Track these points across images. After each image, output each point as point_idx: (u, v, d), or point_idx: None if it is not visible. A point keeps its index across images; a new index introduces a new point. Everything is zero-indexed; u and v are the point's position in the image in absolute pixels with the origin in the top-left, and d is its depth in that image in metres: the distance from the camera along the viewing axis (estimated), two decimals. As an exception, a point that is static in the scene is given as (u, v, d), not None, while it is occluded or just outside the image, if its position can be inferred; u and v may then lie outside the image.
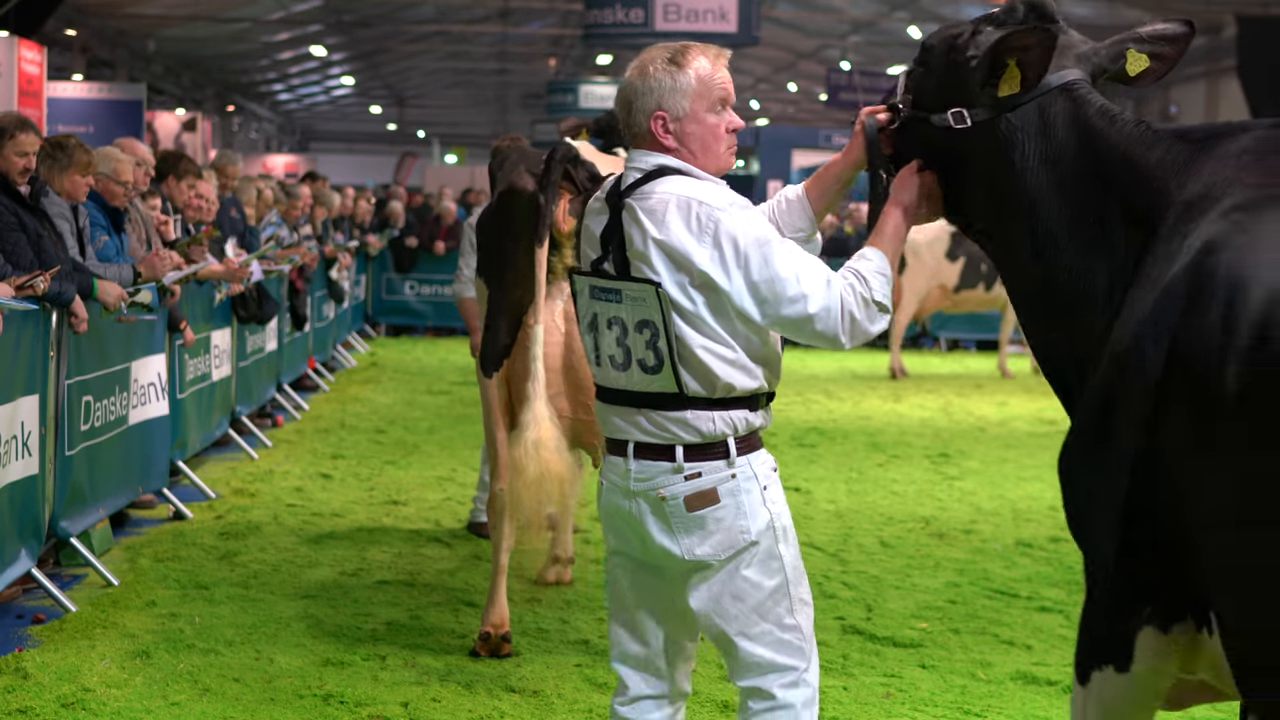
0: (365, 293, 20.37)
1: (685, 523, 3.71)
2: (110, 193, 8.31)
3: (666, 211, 3.61)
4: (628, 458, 3.74)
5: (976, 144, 3.45)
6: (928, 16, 35.25)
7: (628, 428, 3.74)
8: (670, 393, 3.65)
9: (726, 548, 3.71)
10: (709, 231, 3.58)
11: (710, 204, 3.61)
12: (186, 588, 7.12)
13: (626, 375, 3.72)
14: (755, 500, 3.72)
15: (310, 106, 58.38)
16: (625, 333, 3.69)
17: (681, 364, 3.63)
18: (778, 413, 3.90)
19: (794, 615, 3.77)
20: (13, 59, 18.23)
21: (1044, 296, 3.39)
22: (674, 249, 3.60)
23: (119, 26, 32.38)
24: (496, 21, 36.14)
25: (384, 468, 10.55)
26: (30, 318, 6.57)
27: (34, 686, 5.61)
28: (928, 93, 3.57)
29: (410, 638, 6.39)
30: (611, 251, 3.72)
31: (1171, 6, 31.97)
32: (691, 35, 25.48)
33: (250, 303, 10.86)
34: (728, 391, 3.66)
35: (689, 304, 3.61)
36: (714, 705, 5.69)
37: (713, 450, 3.69)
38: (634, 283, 3.65)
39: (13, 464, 6.41)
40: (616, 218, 3.71)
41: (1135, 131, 3.27)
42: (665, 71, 3.69)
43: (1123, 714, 3.10)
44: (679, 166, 3.71)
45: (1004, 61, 3.34)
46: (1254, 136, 3.05)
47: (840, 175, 3.92)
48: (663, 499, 3.71)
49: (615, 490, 3.79)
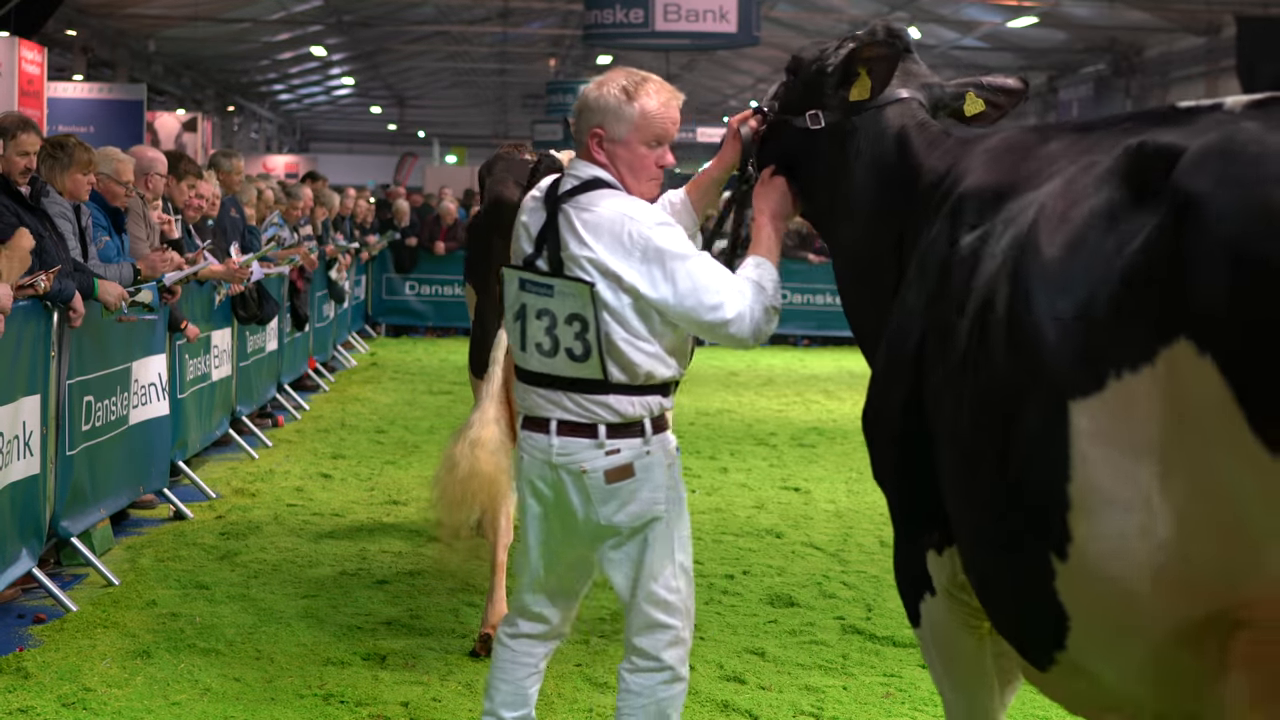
0: (365, 293, 20.37)
1: (603, 494, 4.15)
2: (111, 193, 8.31)
3: (600, 226, 4.06)
4: (550, 434, 4.16)
5: (826, 143, 3.92)
6: (928, 16, 35.27)
7: (550, 408, 4.16)
8: (596, 379, 4.10)
9: (639, 516, 4.18)
10: (639, 247, 4.03)
11: (640, 221, 4.06)
12: (187, 588, 7.13)
13: (552, 361, 4.14)
14: (663, 475, 4.20)
15: (310, 107, 58.38)
16: (554, 324, 4.11)
17: (608, 355, 4.07)
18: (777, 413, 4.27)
19: (677, 579, 4.26)
20: (13, 59, 18.24)
21: (857, 282, 3.87)
22: (606, 262, 4.04)
23: (119, 27, 32.38)
24: (496, 21, 36.14)
25: (384, 468, 10.56)
26: (31, 317, 6.57)
27: (35, 686, 5.61)
28: (793, 100, 4.04)
29: (410, 638, 6.40)
30: (546, 250, 4.13)
31: (1171, 6, 31.98)
32: (691, 35, 25.47)
33: (250, 303, 10.87)
34: (647, 379, 4.12)
35: (617, 305, 4.06)
36: (714, 705, 5.69)
37: (631, 429, 4.14)
38: (568, 281, 4.08)
39: (14, 464, 6.42)
40: (553, 219, 4.13)
41: (934, 136, 3.74)
42: (616, 97, 4.15)
43: (953, 636, 3.48)
44: (611, 181, 4.16)
45: (856, 70, 3.81)
46: (1001, 137, 3.50)
47: (717, 179, 4.39)
48: (584, 472, 4.14)
49: (536, 462, 4.21)
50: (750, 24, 24.84)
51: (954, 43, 38.71)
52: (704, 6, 24.46)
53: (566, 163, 5.71)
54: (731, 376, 16.89)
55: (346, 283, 16.81)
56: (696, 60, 42.41)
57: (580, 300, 4.06)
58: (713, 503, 9.63)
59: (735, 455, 11.47)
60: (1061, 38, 37.12)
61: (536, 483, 4.25)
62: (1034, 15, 32.96)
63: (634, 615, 4.28)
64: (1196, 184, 2.57)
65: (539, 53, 44.27)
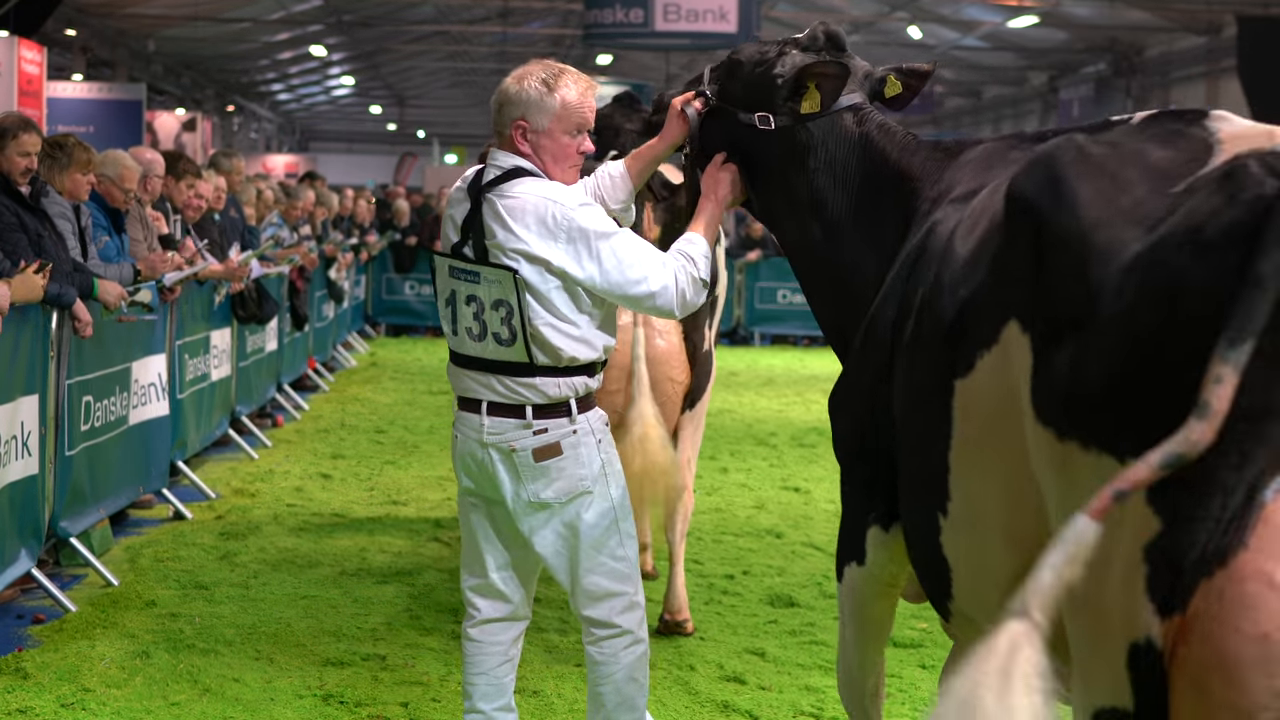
0: (365, 293, 20.36)
1: (532, 471, 4.34)
2: (111, 194, 8.30)
3: (525, 211, 4.23)
4: (481, 414, 4.36)
5: (775, 145, 4.13)
6: (928, 16, 35.25)
7: (481, 390, 4.35)
8: (522, 362, 4.28)
9: (566, 492, 4.36)
10: (563, 229, 4.22)
11: (563, 204, 4.24)
12: (186, 588, 7.12)
13: (481, 345, 4.32)
14: (591, 451, 4.39)
15: (310, 106, 58.36)
16: (482, 309, 4.30)
17: (532, 339, 4.25)
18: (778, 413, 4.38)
19: (623, 547, 4.45)
20: (13, 59, 18.23)
21: (830, 278, 4.07)
22: (531, 248, 4.21)
23: (119, 26, 32.37)
24: (496, 21, 36.13)
25: (384, 468, 10.55)
26: (30, 318, 6.57)
27: (34, 686, 5.61)
28: (733, 92, 4.23)
29: (410, 638, 6.39)
30: (471, 238, 4.31)
31: (1172, 6, 31.97)
32: (691, 35, 25.47)
33: (250, 303, 10.86)
34: (571, 362, 4.30)
35: (543, 288, 4.23)
36: (714, 705, 5.69)
37: (557, 410, 4.33)
38: (492, 268, 4.25)
39: (13, 464, 6.41)
40: (477, 208, 4.30)
41: (904, 142, 4.00)
42: (536, 89, 4.33)
43: (866, 602, 3.86)
44: (532, 170, 4.33)
45: (806, 84, 4.04)
46: (983, 148, 3.77)
47: (659, 154, 4.52)
48: (513, 450, 4.34)
49: (469, 441, 4.39)
50: (750, 24, 24.84)
51: (954, 43, 38.70)
52: (704, 6, 24.46)
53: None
54: (731, 376, 16.90)
55: (346, 282, 16.81)
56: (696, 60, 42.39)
57: (504, 286, 4.24)
58: (713, 503, 9.62)
59: (735, 455, 11.46)
60: (1062, 38, 37.11)
61: (468, 461, 4.43)
62: (1034, 15, 32.94)
63: (581, 588, 4.44)
64: (1019, 185, 2.98)
65: (539, 53, 44.16)
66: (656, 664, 6.14)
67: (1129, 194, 2.79)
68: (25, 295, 6.33)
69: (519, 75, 4.39)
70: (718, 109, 4.28)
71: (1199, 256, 2.53)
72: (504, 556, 4.57)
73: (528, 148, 4.35)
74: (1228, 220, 2.52)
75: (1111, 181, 2.83)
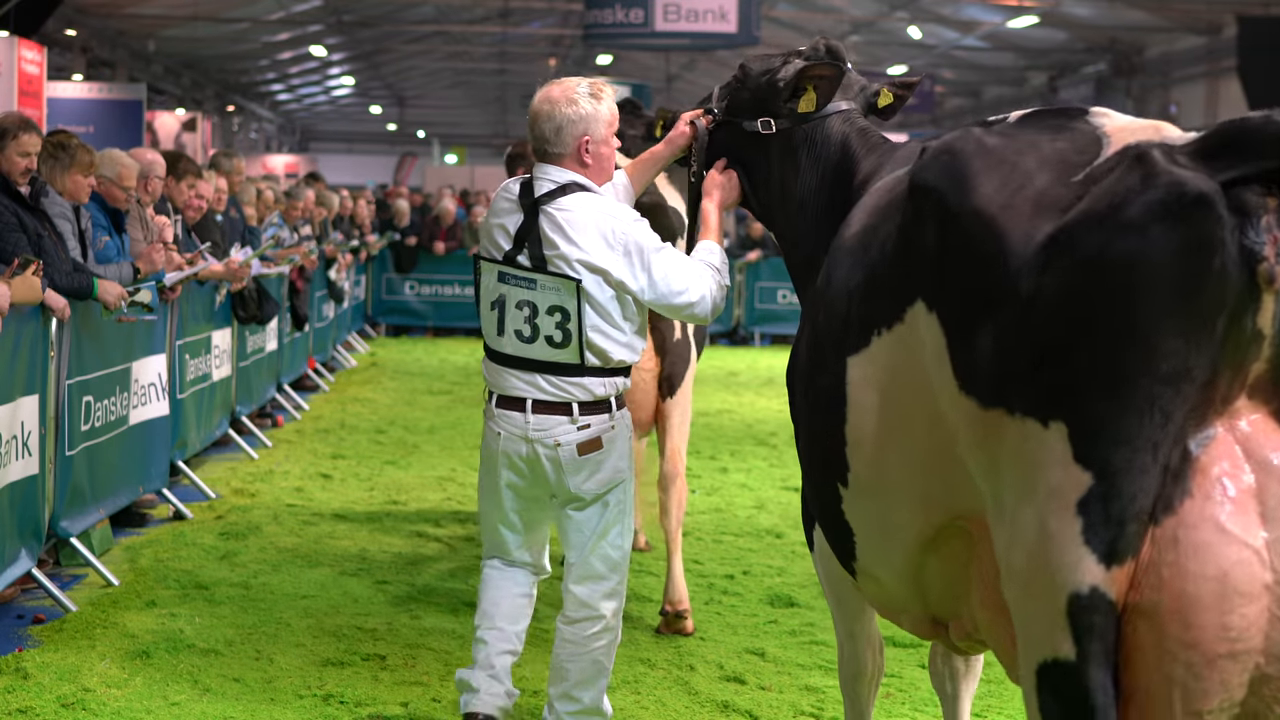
0: (365, 293, 20.36)
1: (576, 464, 4.69)
2: (112, 195, 8.29)
3: (587, 226, 4.57)
4: (526, 412, 4.67)
5: (776, 148, 4.45)
6: (928, 16, 35.25)
7: (527, 389, 4.68)
8: (573, 363, 4.62)
9: (605, 484, 4.73)
10: (621, 243, 4.57)
11: (621, 220, 4.61)
12: (186, 588, 7.12)
13: (531, 347, 4.64)
14: (625, 446, 4.77)
15: (310, 106, 58.36)
16: (535, 314, 4.61)
17: (586, 344, 4.60)
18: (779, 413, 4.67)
19: (622, 538, 4.82)
20: (13, 59, 18.22)
21: (808, 271, 4.25)
22: (595, 259, 4.56)
23: (119, 26, 32.38)
24: (496, 21, 36.13)
25: (384, 468, 10.55)
26: (29, 317, 6.57)
27: (34, 686, 5.61)
28: (741, 103, 4.56)
29: (410, 638, 6.39)
30: (527, 247, 4.61)
31: (1172, 6, 31.96)
32: (691, 35, 25.47)
33: (250, 303, 10.86)
34: (619, 364, 4.68)
35: (601, 298, 4.59)
36: (714, 705, 5.69)
37: (600, 407, 4.69)
38: (553, 276, 4.58)
39: (13, 464, 6.41)
40: (533, 220, 4.61)
41: (872, 142, 4.29)
42: (591, 104, 4.66)
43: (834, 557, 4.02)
44: (586, 184, 4.66)
45: (804, 86, 4.37)
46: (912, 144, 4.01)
47: (661, 159, 4.87)
48: (558, 445, 4.66)
49: (513, 438, 4.71)
50: (750, 24, 24.83)
51: (954, 43, 38.70)
52: (704, 6, 24.44)
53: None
54: (731, 376, 16.90)
55: (346, 283, 16.81)
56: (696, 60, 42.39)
57: (564, 294, 4.57)
58: (713, 503, 9.63)
59: (735, 455, 11.46)
60: (1062, 38, 37.10)
61: (512, 456, 4.74)
62: (1034, 15, 32.93)
63: (578, 567, 4.81)
64: (921, 174, 3.21)
65: (539, 53, 44.24)
66: (656, 664, 6.15)
67: (1031, 181, 3.02)
68: (25, 296, 6.33)
69: (565, 95, 4.67)
70: (724, 122, 4.62)
71: (1121, 233, 2.76)
72: (522, 538, 4.95)
73: (590, 159, 4.70)
74: (1146, 200, 2.75)
75: (1012, 169, 3.06)
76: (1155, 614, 2.73)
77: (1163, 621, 2.73)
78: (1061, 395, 2.83)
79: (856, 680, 4.41)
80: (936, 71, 40.70)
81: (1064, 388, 2.83)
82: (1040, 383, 2.86)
